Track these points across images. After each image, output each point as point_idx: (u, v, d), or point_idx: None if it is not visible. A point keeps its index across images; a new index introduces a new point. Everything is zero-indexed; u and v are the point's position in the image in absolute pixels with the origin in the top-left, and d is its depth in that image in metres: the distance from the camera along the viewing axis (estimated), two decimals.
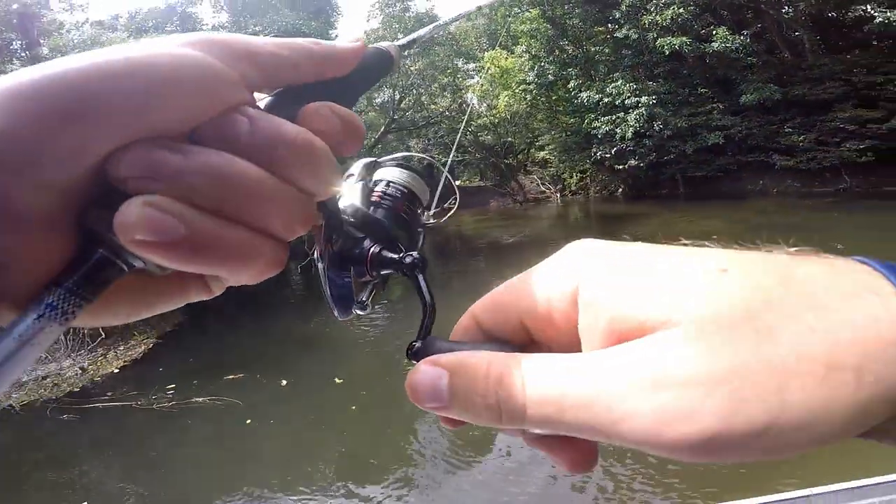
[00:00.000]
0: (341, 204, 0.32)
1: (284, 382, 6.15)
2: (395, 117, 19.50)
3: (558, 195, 24.16)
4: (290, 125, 0.22)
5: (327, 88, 0.26)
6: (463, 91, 23.27)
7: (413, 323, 0.33)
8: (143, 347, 8.85)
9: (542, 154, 24.87)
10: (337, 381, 6.10)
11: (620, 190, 21.67)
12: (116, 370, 7.72)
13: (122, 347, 9.02)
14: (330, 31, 24.42)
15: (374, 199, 0.35)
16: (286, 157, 0.21)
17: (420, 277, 0.33)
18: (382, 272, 0.33)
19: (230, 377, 6.34)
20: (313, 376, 6.53)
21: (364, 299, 0.34)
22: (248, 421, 5.32)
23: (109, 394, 6.36)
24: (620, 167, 19.67)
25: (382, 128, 19.27)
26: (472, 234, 18.51)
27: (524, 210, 23.02)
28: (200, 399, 5.77)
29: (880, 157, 15.01)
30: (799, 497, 2.10)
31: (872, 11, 14.01)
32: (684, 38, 16.65)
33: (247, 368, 6.65)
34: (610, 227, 15.81)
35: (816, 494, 2.10)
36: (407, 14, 20.28)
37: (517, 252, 13.60)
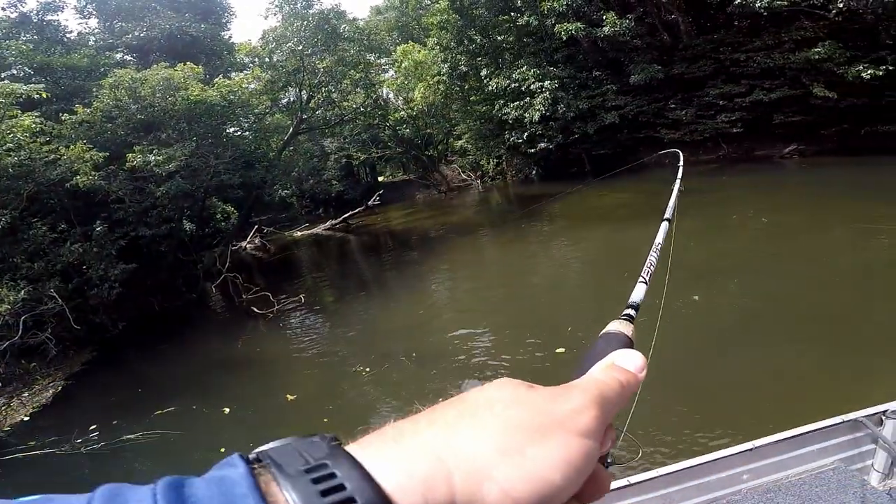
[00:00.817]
0: None
1: (227, 410, 5.91)
2: (305, 117, 18.92)
3: (479, 181, 24.93)
4: (605, 475, 0.32)
5: None
6: (377, 86, 23.04)
7: (349, 322, 0.49)
8: (51, 391, 8.29)
9: (460, 143, 25.40)
10: (289, 397, 5.89)
11: (534, 172, 22.75)
12: (26, 417, 7.23)
13: (26, 394, 8.35)
14: (222, 33, 23.04)
15: None
16: (598, 498, 0.31)
17: None
18: None
19: (159, 412, 6.08)
20: (259, 398, 6.26)
21: None
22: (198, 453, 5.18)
23: (28, 443, 5.94)
24: (532, 150, 20.64)
25: (291, 129, 18.62)
26: (401, 229, 18.67)
27: (449, 199, 23.56)
28: (133, 436, 5.52)
29: (748, 126, 16.97)
30: (745, 450, 2.19)
31: None
32: (578, 24, 17.62)
33: (179, 400, 6.37)
34: (528, 207, 16.66)
35: (760, 446, 2.19)
36: (310, 11, 19.59)
37: (446, 242, 14.00)
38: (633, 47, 18.72)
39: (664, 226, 0.97)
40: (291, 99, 19.73)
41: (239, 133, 16.57)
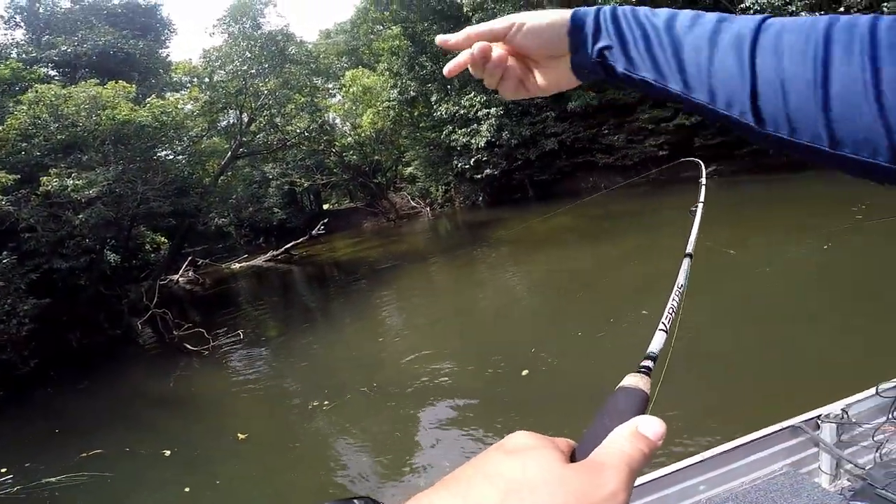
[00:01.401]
0: None
1: (168, 452, 5.27)
2: (245, 140, 18.21)
3: (428, 209, 24.96)
4: None
5: None
6: (323, 111, 22.77)
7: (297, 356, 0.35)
8: None
9: (409, 170, 25.48)
10: (240, 436, 5.32)
11: (481, 198, 23.24)
12: None
13: None
14: (160, 51, 22.05)
15: None
16: None
17: None
18: None
19: (84, 454, 5.29)
20: (204, 438, 5.63)
21: None
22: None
23: None
24: (479, 176, 21.12)
25: (229, 153, 17.81)
26: (348, 259, 18.14)
27: (398, 227, 23.35)
28: (54, 479, 4.85)
29: (673, 149, 18.43)
30: (697, 462, 2.23)
31: None
32: None
33: (107, 441, 5.63)
34: (477, 233, 16.86)
35: (711, 457, 2.24)
36: (258, 32, 19.17)
37: (397, 270, 13.69)
38: None
39: (686, 263, 0.80)
40: (231, 121, 18.98)
41: (172, 157, 15.60)
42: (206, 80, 17.76)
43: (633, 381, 0.41)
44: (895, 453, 2.21)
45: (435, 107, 21.34)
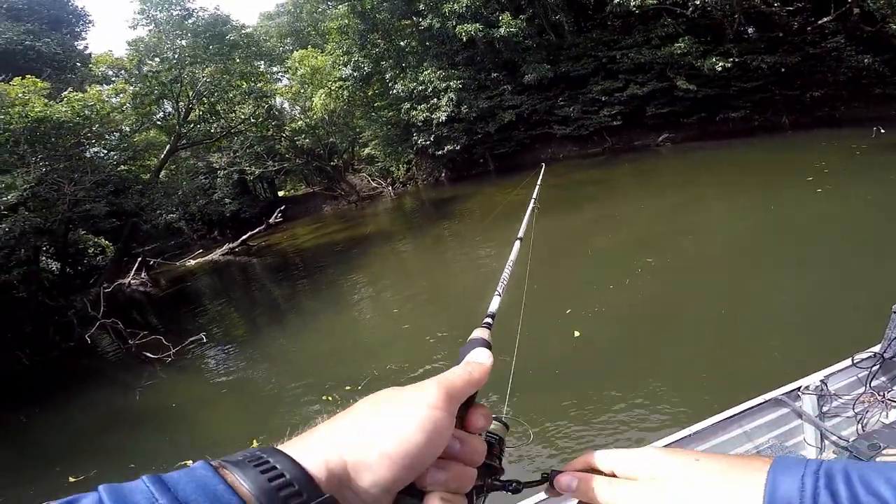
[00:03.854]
0: None
1: (133, 470, 4.94)
2: (184, 132, 17.02)
3: (390, 188, 24.43)
4: (475, 439, 0.45)
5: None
6: (269, 96, 21.53)
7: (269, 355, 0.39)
8: None
9: (367, 150, 24.75)
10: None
11: (444, 174, 22.99)
12: None
13: None
14: (77, 43, 20.05)
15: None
16: (476, 459, 0.44)
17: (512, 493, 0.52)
18: (494, 491, 0.51)
19: (72, 479, 4.88)
20: (178, 455, 5.25)
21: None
22: None
23: None
24: (440, 152, 20.81)
25: (168, 146, 16.63)
26: (311, 245, 17.58)
27: (360, 209, 22.78)
28: None
29: (626, 119, 18.77)
30: (688, 435, 2.27)
31: None
32: (477, 25, 18.15)
33: (73, 465, 5.23)
34: (442, 209, 16.71)
35: (701, 430, 2.29)
36: (190, 20, 17.68)
37: (364, 254, 13.37)
38: (525, 47, 19.76)
39: (517, 245, 0.98)
40: (169, 111, 17.62)
41: (103, 154, 14.34)
42: (136, 72, 16.30)
43: (478, 332, 0.55)
44: (877, 424, 2.29)
45: (390, 84, 20.66)
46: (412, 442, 0.38)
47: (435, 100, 19.52)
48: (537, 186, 1.80)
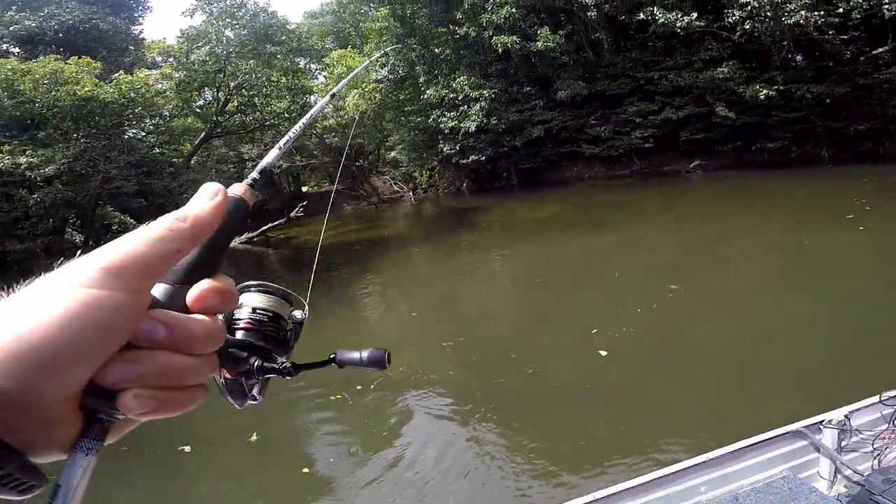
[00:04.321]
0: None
1: (188, 448, 4.68)
2: (220, 121, 17.45)
3: (411, 194, 24.50)
4: (194, 322, 0.34)
5: (204, 258, 0.35)
6: (306, 93, 21.97)
7: None
8: None
9: (392, 154, 24.90)
10: (185, 449, 4.67)
11: (465, 184, 22.87)
12: None
13: None
14: (133, 28, 20.92)
15: (245, 325, 0.47)
16: (197, 346, 0.34)
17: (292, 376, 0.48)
18: (266, 376, 0.47)
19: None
20: (221, 438, 5.02)
21: (256, 393, 0.47)
22: None
23: None
24: (464, 161, 20.72)
25: (203, 133, 17.06)
26: (328, 242, 17.63)
27: (380, 212, 22.85)
28: None
29: (658, 142, 18.32)
30: (699, 463, 2.27)
31: (657, 13, 16.04)
32: (514, 37, 18.06)
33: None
34: (462, 219, 16.56)
35: (713, 458, 2.28)
36: (241, 11, 18.27)
37: (379, 259, 13.30)
38: (561, 63, 19.59)
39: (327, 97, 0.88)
40: (208, 100, 18.12)
41: (142, 136, 14.78)
42: (183, 59, 16.87)
43: (237, 189, 0.41)
44: (894, 460, 2.23)
45: (423, 89, 20.77)
46: (50, 332, 0.29)
47: (465, 108, 19.50)
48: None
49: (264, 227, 19.02)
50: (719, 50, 16.75)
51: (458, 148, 20.34)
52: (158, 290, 0.34)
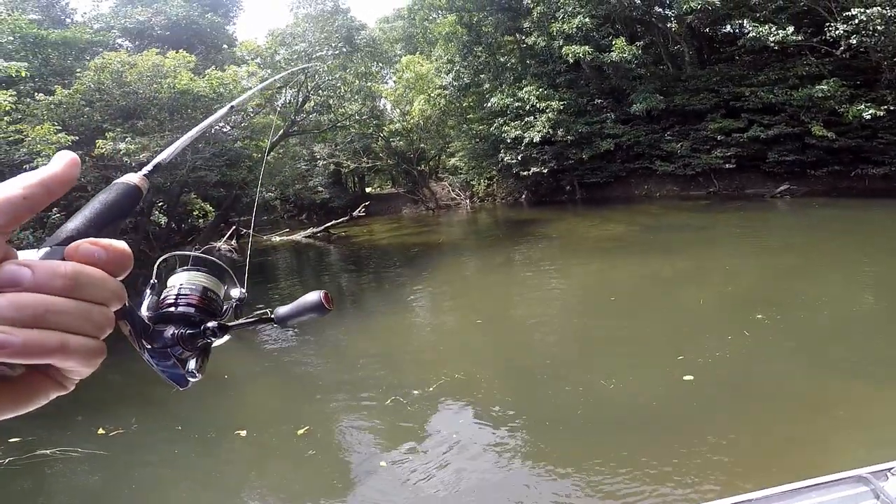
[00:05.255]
0: (146, 309, 0.48)
1: (244, 433, 4.87)
2: (297, 119, 18.39)
3: (468, 202, 24.48)
4: (62, 263, 0.33)
5: (87, 226, 0.36)
6: (376, 96, 22.76)
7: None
8: None
9: (453, 161, 25.07)
10: (299, 432, 4.77)
11: (524, 196, 22.46)
12: None
13: None
14: (227, 27, 22.66)
15: (170, 301, 0.49)
16: (68, 285, 0.32)
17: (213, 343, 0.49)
18: (198, 345, 0.47)
19: (102, 432, 5.22)
20: (271, 424, 5.21)
21: (193, 369, 0.47)
22: None
23: None
24: (525, 173, 20.36)
25: (282, 130, 18.06)
26: (385, 243, 18.00)
27: (436, 217, 22.97)
28: (48, 451, 4.67)
29: (741, 163, 16.96)
30: (747, 500, 2.17)
31: (748, 26, 15.10)
32: (587, 48, 17.51)
33: (119, 417, 5.45)
34: (518, 230, 16.24)
35: (761, 498, 2.17)
36: (331, 16, 19.44)
37: (433, 265, 13.34)
38: (636, 75, 18.75)
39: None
40: (288, 99, 19.20)
41: (227, 130, 15.90)
42: (269, 59, 18.07)
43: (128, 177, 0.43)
44: None
45: (487, 97, 20.73)
46: None
47: (530, 118, 19.16)
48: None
49: (328, 224, 19.81)
50: (818, 66, 15.25)
51: (519, 158, 20.02)
52: (39, 254, 0.34)
